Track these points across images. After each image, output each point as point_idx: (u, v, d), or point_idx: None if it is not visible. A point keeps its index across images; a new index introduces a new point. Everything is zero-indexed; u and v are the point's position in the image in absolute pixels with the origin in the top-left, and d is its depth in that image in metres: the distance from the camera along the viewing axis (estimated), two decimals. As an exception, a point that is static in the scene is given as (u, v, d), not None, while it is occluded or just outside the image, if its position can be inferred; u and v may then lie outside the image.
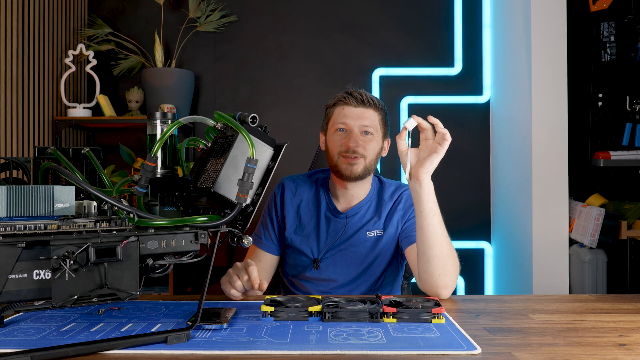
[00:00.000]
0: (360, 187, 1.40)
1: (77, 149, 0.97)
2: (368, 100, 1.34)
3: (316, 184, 1.46)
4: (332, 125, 1.37)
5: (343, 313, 0.96)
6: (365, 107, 1.34)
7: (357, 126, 1.33)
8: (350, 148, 1.31)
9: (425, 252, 1.16)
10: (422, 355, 0.79)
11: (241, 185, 0.85)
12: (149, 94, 2.63)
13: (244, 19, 2.83)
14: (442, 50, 2.83)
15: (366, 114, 1.33)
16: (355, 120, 1.33)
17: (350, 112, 1.34)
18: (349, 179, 1.34)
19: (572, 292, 2.42)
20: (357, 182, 1.37)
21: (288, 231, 1.42)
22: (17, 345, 0.82)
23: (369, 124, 1.33)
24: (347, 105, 1.34)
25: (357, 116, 1.33)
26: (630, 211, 2.41)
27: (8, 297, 0.72)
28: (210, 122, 0.94)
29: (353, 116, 1.33)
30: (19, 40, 2.25)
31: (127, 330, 0.90)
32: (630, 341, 0.86)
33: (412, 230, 1.36)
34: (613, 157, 2.50)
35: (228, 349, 0.81)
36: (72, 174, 0.84)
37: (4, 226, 0.71)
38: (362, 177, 1.35)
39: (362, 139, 1.33)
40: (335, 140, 1.35)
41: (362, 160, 1.33)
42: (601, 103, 2.58)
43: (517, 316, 1.03)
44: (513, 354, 0.79)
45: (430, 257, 1.15)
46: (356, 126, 1.33)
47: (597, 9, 2.53)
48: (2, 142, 2.13)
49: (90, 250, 0.74)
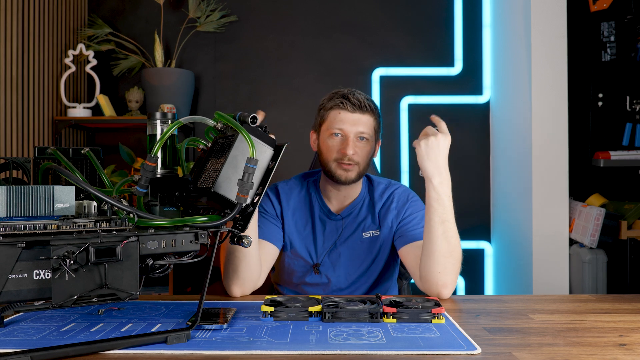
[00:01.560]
0: (352, 188, 1.40)
1: (77, 149, 0.97)
2: (365, 105, 1.32)
3: (307, 187, 1.44)
4: (327, 128, 1.35)
5: (343, 313, 0.96)
6: (362, 112, 1.32)
7: (354, 132, 1.31)
8: (347, 155, 1.30)
9: (426, 246, 1.18)
10: (422, 355, 0.79)
11: (241, 185, 0.85)
12: (149, 94, 2.63)
13: (244, 19, 2.83)
14: (442, 50, 2.83)
15: (362, 120, 1.32)
16: (351, 126, 1.31)
17: (347, 117, 1.31)
18: (344, 184, 1.34)
19: (572, 292, 2.42)
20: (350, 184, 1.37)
21: (288, 232, 1.40)
22: (17, 345, 0.82)
23: (364, 129, 1.32)
24: (344, 110, 1.32)
25: (354, 122, 1.31)
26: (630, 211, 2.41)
27: (8, 297, 0.72)
28: (210, 122, 0.94)
29: (350, 122, 1.31)
30: (19, 40, 2.25)
31: (127, 330, 0.90)
32: (630, 341, 0.86)
33: (406, 230, 1.36)
34: (613, 157, 2.50)
35: (228, 349, 0.81)
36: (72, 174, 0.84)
37: (4, 226, 0.71)
38: (356, 181, 1.36)
39: (358, 145, 1.32)
40: (331, 146, 1.33)
41: (356, 167, 1.32)
42: (601, 103, 2.58)
43: (517, 316, 1.03)
44: (513, 354, 0.80)
45: (430, 252, 1.17)
46: (352, 132, 1.31)
47: (597, 9, 2.53)
48: (2, 142, 2.13)
49: (90, 250, 0.74)
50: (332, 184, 1.37)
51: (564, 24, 2.28)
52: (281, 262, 1.44)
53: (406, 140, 2.79)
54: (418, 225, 1.35)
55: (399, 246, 1.36)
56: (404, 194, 1.43)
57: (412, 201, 1.41)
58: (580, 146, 2.59)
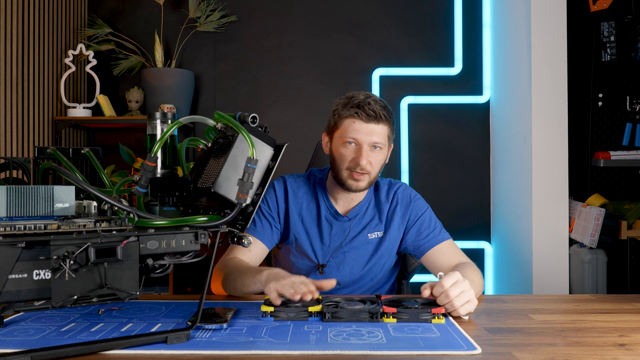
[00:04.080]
0: None
1: (77, 149, 0.97)
2: (380, 115, 1.30)
3: (313, 186, 1.44)
4: (340, 135, 1.33)
5: (343, 313, 0.96)
6: (377, 122, 1.30)
7: (368, 142, 1.30)
8: (360, 165, 1.29)
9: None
10: (422, 355, 0.79)
11: (241, 185, 0.85)
12: (149, 94, 2.63)
13: (244, 19, 2.83)
14: (442, 50, 2.83)
15: (377, 130, 1.30)
16: (366, 136, 1.30)
17: (362, 127, 1.30)
18: (354, 192, 1.35)
19: (572, 292, 2.42)
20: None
21: (293, 229, 1.40)
22: (17, 345, 0.82)
23: (379, 139, 1.31)
24: (359, 120, 1.30)
25: (369, 132, 1.30)
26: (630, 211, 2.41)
27: (8, 297, 0.72)
28: (211, 122, 0.94)
29: (364, 132, 1.30)
30: (19, 40, 2.24)
31: (127, 330, 0.90)
32: (630, 341, 0.86)
33: (419, 240, 1.39)
34: (613, 157, 2.50)
35: (228, 349, 0.81)
36: (72, 174, 0.84)
37: (4, 226, 0.71)
38: (366, 189, 1.37)
39: (372, 154, 1.31)
40: (345, 155, 1.32)
41: (367, 176, 1.32)
42: (601, 103, 2.58)
43: (517, 316, 1.03)
44: (513, 354, 0.79)
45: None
46: (366, 142, 1.30)
47: (597, 9, 2.53)
48: (2, 142, 2.13)
49: (90, 250, 0.74)
50: (340, 187, 1.38)
51: (564, 24, 2.28)
52: (286, 260, 1.45)
53: (406, 140, 2.79)
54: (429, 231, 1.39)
55: (419, 256, 1.40)
56: (406, 193, 1.44)
57: (414, 201, 1.43)
58: (580, 146, 2.59)
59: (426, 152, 2.81)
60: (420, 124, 2.81)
